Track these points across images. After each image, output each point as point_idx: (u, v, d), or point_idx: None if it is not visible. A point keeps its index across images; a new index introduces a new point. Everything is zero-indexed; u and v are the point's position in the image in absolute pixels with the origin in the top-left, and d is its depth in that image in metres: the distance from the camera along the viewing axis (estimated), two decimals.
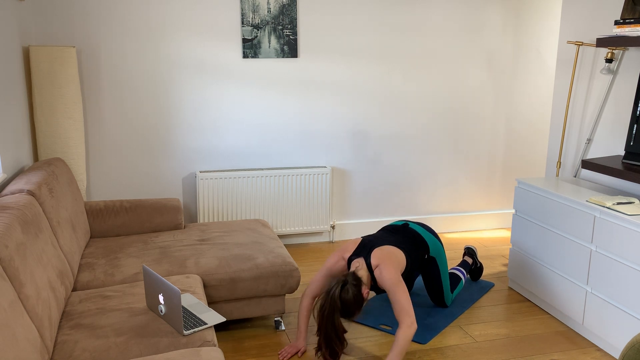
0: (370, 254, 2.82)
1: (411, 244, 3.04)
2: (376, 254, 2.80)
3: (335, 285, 2.62)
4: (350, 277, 2.66)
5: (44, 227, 2.47)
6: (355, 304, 2.62)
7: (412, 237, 3.09)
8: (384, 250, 2.83)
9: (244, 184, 4.17)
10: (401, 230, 3.13)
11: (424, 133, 4.61)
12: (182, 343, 2.19)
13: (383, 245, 2.88)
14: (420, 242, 3.10)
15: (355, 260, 2.83)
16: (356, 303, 2.62)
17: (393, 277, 2.71)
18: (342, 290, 2.60)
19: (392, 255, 2.82)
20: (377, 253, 2.81)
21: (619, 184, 3.31)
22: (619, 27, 2.98)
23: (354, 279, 2.66)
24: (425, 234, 3.16)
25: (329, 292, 2.61)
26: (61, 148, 3.51)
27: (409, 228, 3.15)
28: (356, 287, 2.63)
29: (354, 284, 2.63)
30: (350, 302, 2.60)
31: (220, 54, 4.07)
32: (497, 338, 3.08)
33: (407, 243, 3.02)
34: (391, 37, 4.37)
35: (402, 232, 3.11)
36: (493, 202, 4.92)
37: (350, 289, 2.61)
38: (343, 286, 2.61)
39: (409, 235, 3.09)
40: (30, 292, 2.02)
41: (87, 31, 3.82)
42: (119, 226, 3.40)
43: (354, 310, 2.64)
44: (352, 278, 2.66)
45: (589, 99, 3.53)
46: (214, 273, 2.90)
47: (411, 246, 3.03)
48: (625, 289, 2.74)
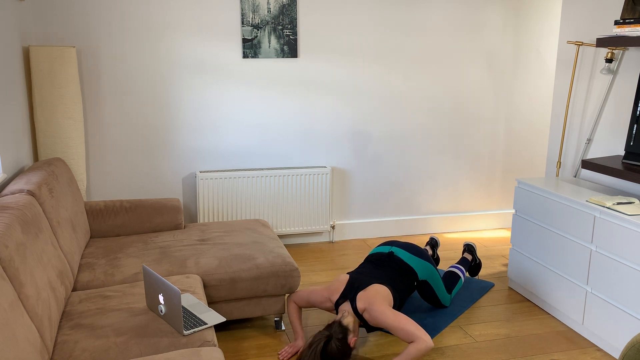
0: (356, 297, 2.78)
1: (398, 275, 3.00)
2: (361, 298, 2.76)
3: (318, 340, 2.55)
4: (336, 329, 2.60)
5: (44, 227, 2.47)
6: (342, 356, 2.57)
7: (398, 267, 3.05)
8: (369, 291, 2.78)
9: (244, 184, 4.17)
10: (387, 261, 3.08)
11: (424, 133, 4.61)
12: (182, 343, 2.19)
13: (368, 284, 2.83)
14: (407, 271, 3.06)
15: (342, 306, 2.80)
16: (342, 356, 2.57)
17: (385, 312, 2.66)
18: (327, 345, 2.53)
19: (377, 294, 2.77)
20: (362, 296, 2.77)
21: (619, 184, 3.31)
22: (619, 27, 2.98)
23: (340, 331, 2.60)
24: (412, 259, 3.10)
25: (310, 345, 2.55)
26: (61, 148, 3.51)
27: (395, 257, 3.10)
28: (341, 341, 2.56)
29: (339, 338, 2.57)
30: (335, 356, 2.54)
31: (220, 54, 4.07)
32: (497, 338, 3.08)
33: (394, 275, 2.98)
34: (391, 37, 4.37)
35: (388, 263, 3.06)
36: (493, 202, 4.92)
37: (335, 344, 2.54)
38: (327, 342, 2.54)
39: (394, 267, 3.04)
40: (30, 292, 2.02)
41: (87, 31, 3.82)
42: (119, 226, 3.40)
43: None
44: (338, 330, 2.59)
45: (589, 99, 3.53)
46: (214, 273, 2.90)
47: (398, 277, 2.99)
48: (625, 289, 2.74)
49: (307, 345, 2.57)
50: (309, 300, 2.93)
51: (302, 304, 2.95)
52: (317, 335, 2.58)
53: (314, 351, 2.52)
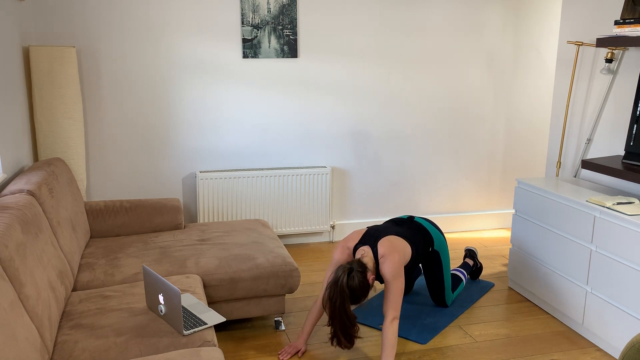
0: (377, 243, 2.83)
1: (417, 236, 3.06)
2: (384, 244, 2.81)
3: (341, 273, 2.61)
4: (356, 264, 2.66)
5: (44, 227, 2.47)
6: (362, 290, 2.63)
7: (418, 229, 3.12)
8: (392, 240, 2.84)
9: (244, 184, 4.17)
10: (407, 222, 3.16)
11: (424, 133, 4.61)
12: (182, 343, 2.19)
13: (390, 235, 2.89)
14: (426, 235, 3.13)
15: (361, 248, 2.85)
16: (362, 289, 2.63)
17: (396, 268, 2.72)
18: (349, 277, 2.60)
19: (399, 246, 2.83)
20: (384, 243, 2.82)
21: (619, 184, 3.31)
22: (619, 27, 2.97)
23: (359, 265, 2.66)
24: (431, 227, 3.20)
25: (336, 282, 2.60)
26: (61, 148, 3.51)
27: (415, 221, 3.18)
28: (362, 274, 2.63)
29: (359, 271, 2.64)
30: (357, 289, 2.61)
31: (220, 54, 4.07)
32: (497, 338, 3.08)
33: (413, 235, 3.04)
34: (391, 37, 4.37)
35: (408, 224, 3.14)
36: (493, 202, 4.92)
37: (357, 276, 2.61)
38: (349, 274, 2.61)
39: (414, 228, 3.12)
40: (30, 292, 2.02)
41: (87, 31, 3.82)
42: (119, 226, 3.40)
43: (360, 296, 2.64)
44: (358, 265, 2.66)
45: (589, 99, 3.53)
46: (214, 273, 2.90)
47: (416, 238, 3.05)
48: (625, 289, 2.74)
49: (331, 282, 2.62)
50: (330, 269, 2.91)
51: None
52: (339, 270, 2.63)
53: (340, 285, 2.58)
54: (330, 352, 2.91)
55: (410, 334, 3.08)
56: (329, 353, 2.90)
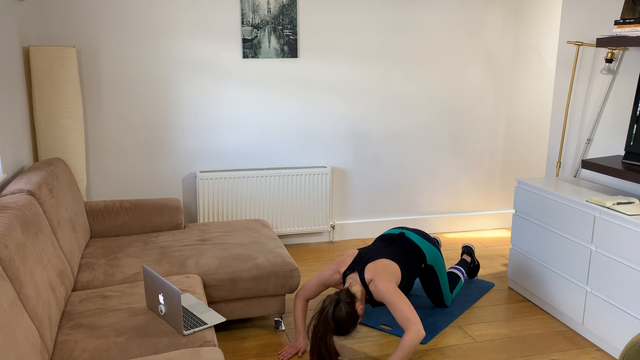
0: (364, 268, 2.80)
1: (407, 254, 3.02)
2: (370, 268, 2.78)
3: (328, 304, 2.59)
4: (344, 294, 2.63)
5: (44, 227, 2.47)
6: (349, 322, 2.59)
7: (408, 247, 3.07)
8: (378, 264, 2.81)
9: (244, 184, 4.17)
10: (397, 240, 3.10)
11: (424, 133, 4.61)
12: (182, 343, 2.19)
13: (377, 258, 2.85)
14: (417, 252, 3.08)
15: (350, 276, 2.81)
16: (350, 321, 2.59)
17: (389, 288, 2.68)
18: (336, 309, 2.57)
19: (386, 268, 2.79)
20: (370, 267, 2.78)
21: (619, 184, 3.31)
22: (619, 27, 2.98)
23: (348, 296, 2.63)
24: (422, 242, 3.13)
25: (322, 312, 2.58)
26: (61, 148, 3.51)
27: (405, 237, 3.12)
28: (349, 305, 2.60)
29: (347, 302, 2.60)
30: (344, 321, 2.58)
31: (220, 54, 4.07)
32: (497, 338, 3.08)
33: (403, 254, 3.01)
34: (391, 37, 4.37)
35: (398, 242, 3.09)
36: (493, 202, 4.92)
37: (344, 308, 2.58)
38: (336, 305, 2.58)
39: (404, 246, 3.07)
40: (30, 292, 2.02)
41: (87, 31, 3.82)
42: (119, 226, 3.40)
43: (348, 328, 2.61)
44: (346, 296, 2.63)
45: (589, 99, 3.53)
46: (214, 273, 2.90)
47: (407, 256, 3.01)
48: (625, 289, 2.74)
49: (317, 311, 2.60)
50: (317, 282, 2.91)
51: (310, 293, 2.93)
52: (326, 300, 2.61)
53: (325, 315, 2.56)
54: None
55: None
56: None
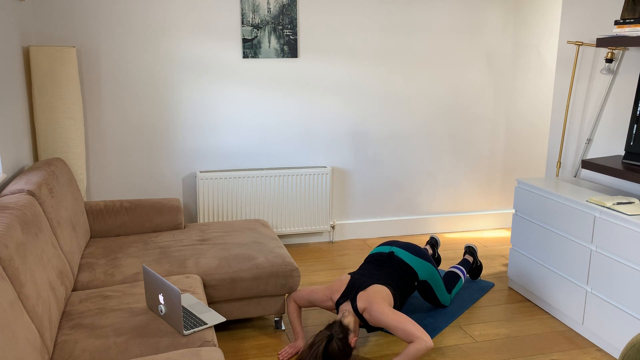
0: (356, 297, 2.78)
1: (398, 274, 3.01)
2: (362, 297, 2.76)
3: (319, 340, 2.55)
4: (337, 328, 2.61)
5: (44, 227, 2.47)
6: (343, 355, 2.57)
7: (399, 267, 3.06)
8: (369, 291, 2.79)
9: (244, 184, 4.17)
10: (387, 261, 3.08)
11: (424, 133, 4.61)
12: (182, 343, 2.19)
13: (368, 285, 2.84)
14: (407, 271, 3.07)
15: (342, 306, 2.80)
16: (343, 355, 2.57)
17: (384, 311, 2.67)
18: (328, 345, 2.54)
19: (377, 294, 2.77)
20: (362, 295, 2.77)
21: (619, 184, 3.31)
22: (619, 27, 2.98)
23: (341, 330, 2.60)
24: (412, 259, 3.11)
25: (312, 346, 2.55)
26: (61, 148, 3.51)
27: (395, 257, 3.10)
28: (342, 340, 2.57)
29: (340, 338, 2.57)
30: (337, 356, 2.55)
31: (220, 54, 4.07)
32: (497, 338, 3.08)
33: (394, 274, 3.00)
34: (391, 37, 4.37)
35: (388, 263, 3.07)
36: (493, 202, 4.92)
37: (336, 344, 2.55)
38: (328, 342, 2.55)
39: (395, 267, 3.05)
40: (30, 292, 2.02)
41: (87, 31, 3.82)
42: (119, 226, 3.40)
43: None
44: (339, 330, 2.60)
45: (589, 99, 3.53)
46: (214, 273, 2.90)
47: (398, 276, 3.00)
48: (625, 289, 2.74)
49: (307, 346, 2.57)
50: (309, 299, 2.92)
51: (302, 303, 2.95)
52: (318, 336, 2.58)
53: (315, 351, 2.53)
54: None
55: None
56: None
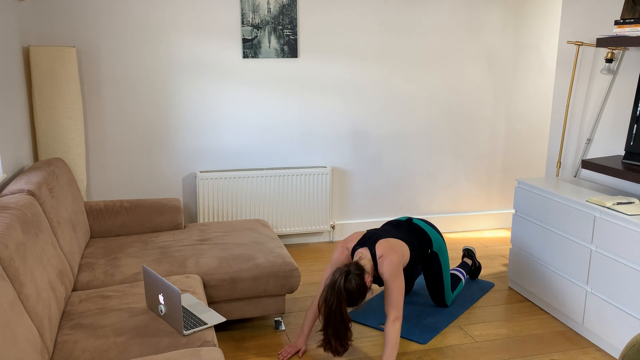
0: (375, 244, 2.83)
1: (415, 238, 3.07)
2: (382, 245, 2.81)
3: (339, 276, 2.60)
4: (353, 266, 2.65)
5: (44, 227, 2.47)
6: (359, 293, 2.62)
7: (416, 231, 3.13)
8: (390, 242, 2.85)
9: (244, 184, 4.17)
10: (405, 224, 3.17)
11: (424, 133, 4.61)
12: (182, 343, 2.19)
13: (388, 237, 2.89)
14: (424, 237, 3.14)
15: (359, 250, 2.85)
16: (359, 292, 2.62)
17: (394, 268, 2.73)
18: (346, 280, 2.59)
19: (397, 247, 2.83)
20: (382, 244, 2.82)
21: (619, 184, 3.31)
22: (619, 27, 2.98)
23: (357, 268, 2.65)
24: (429, 229, 3.20)
25: (333, 285, 2.59)
26: (61, 148, 3.51)
27: (413, 223, 3.19)
28: (359, 277, 2.62)
29: (357, 274, 2.62)
30: (354, 292, 2.60)
31: (220, 54, 4.07)
32: (497, 338, 3.08)
33: (412, 237, 3.05)
34: (391, 37, 4.37)
35: (406, 226, 3.15)
36: (493, 202, 4.92)
37: (354, 279, 2.60)
38: (347, 276, 2.60)
39: (413, 230, 3.13)
40: (30, 292, 2.02)
41: (87, 31, 3.82)
42: (119, 226, 3.40)
43: (357, 299, 2.63)
44: (355, 267, 2.65)
45: (589, 99, 3.53)
46: (214, 273, 2.90)
47: (415, 240, 3.06)
48: (625, 289, 2.74)
49: (328, 285, 2.61)
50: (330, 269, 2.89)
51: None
52: (336, 273, 2.62)
53: (337, 287, 2.57)
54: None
55: (410, 334, 3.08)
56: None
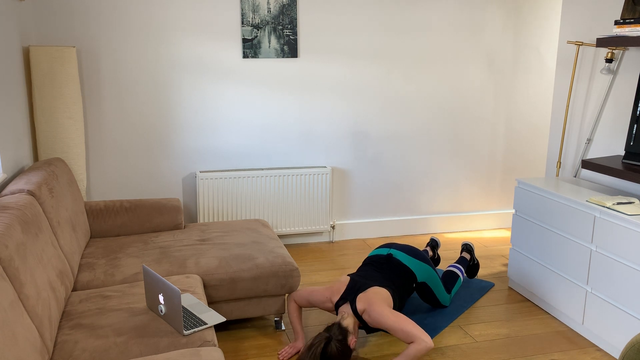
0: (355, 299, 2.78)
1: (397, 277, 3.02)
2: (361, 299, 2.76)
3: (318, 342, 2.55)
4: (336, 330, 2.60)
5: (44, 227, 2.47)
6: (341, 358, 2.57)
7: (397, 269, 3.06)
8: (368, 293, 2.79)
9: (244, 184, 4.17)
10: (385, 263, 3.09)
11: (424, 133, 4.61)
12: (182, 343, 2.19)
13: (368, 287, 2.84)
14: (406, 272, 3.08)
15: (341, 308, 2.80)
16: (342, 357, 2.57)
17: (384, 313, 2.67)
18: (326, 346, 2.53)
19: (376, 295, 2.77)
20: (361, 297, 2.77)
21: (619, 184, 3.31)
22: (619, 27, 2.98)
23: (340, 332, 2.59)
24: (411, 261, 3.12)
25: (310, 348, 2.54)
26: (61, 148, 3.51)
27: (393, 259, 3.11)
28: (341, 342, 2.56)
29: (339, 339, 2.56)
30: (335, 357, 2.54)
31: (220, 54, 4.07)
32: (497, 338, 3.08)
33: (393, 276, 3.01)
34: (391, 37, 4.37)
35: (387, 265, 3.08)
36: (493, 202, 4.92)
37: (335, 345, 2.54)
38: (327, 344, 2.54)
39: (393, 269, 3.06)
40: (30, 292, 2.03)
41: (87, 31, 3.82)
42: (119, 226, 3.40)
43: None
44: (338, 332, 2.59)
45: (589, 99, 3.53)
46: (214, 273, 2.90)
47: (397, 278, 3.01)
48: (625, 289, 2.74)
49: (306, 348, 2.57)
50: (309, 299, 2.92)
51: (302, 303, 2.95)
52: (317, 337, 2.58)
53: (313, 353, 2.52)
54: None
55: None
56: None
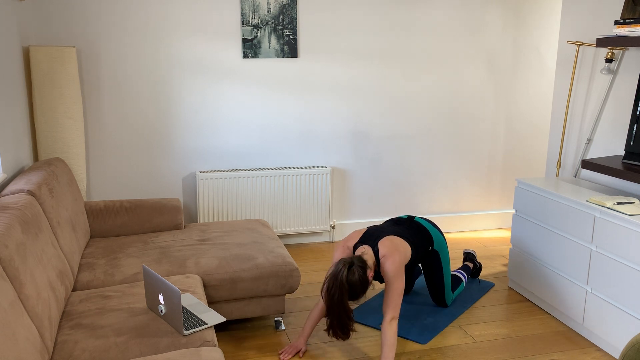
0: (378, 242, 2.83)
1: (416, 236, 3.07)
2: (384, 244, 2.81)
3: (342, 267, 2.60)
4: (357, 259, 2.66)
5: (44, 227, 2.47)
6: (361, 286, 2.62)
7: (417, 229, 3.13)
8: (393, 240, 2.85)
9: (244, 184, 4.17)
10: (406, 222, 3.17)
11: (424, 133, 4.61)
12: (182, 343, 2.19)
13: (390, 235, 2.89)
14: (425, 235, 3.14)
15: (361, 247, 2.85)
16: (361, 285, 2.62)
17: (397, 269, 2.73)
18: (349, 272, 2.59)
19: (399, 246, 2.84)
20: (385, 243, 2.82)
21: (619, 184, 3.31)
22: (619, 27, 2.98)
23: (360, 261, 2.66)
24: (430, 227, 3.21)
25: (336, 275, 2.59)
26: (61, 148, 3.51)
27: (414, 221, 3.19)
28: (362, 269, 2.63)
29: (360, 266, 2.63)
30: (356, 284, 2.60)
31: (220, 54, 4.07)
32: (497, 338, 3.08)
33: (413, 234, 3.05)
34: (391, 37, 4.37)
35: (408, 224, 3.15)
36: (493, 202, 4.92)
37: (357, 271, 2.60)
38: (350, 268, 2.60)
39: (414, 227, 3.12)
40: (30, 292, 2.03)
41: (87, 31, 3.82)
42: (119, 226, 3.40)
43: (358, 293, 2.63)
44: (358, 260, 2.65)
45: (589, 99, 3.53)
46: (214, 273, 2.90)
47: (416, 238, 3.06)
48: (625, 289, 2.74)
49: (331, 275, 2.61)
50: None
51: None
52: (339, 264, 2.62)
53: (340, 278, 2.57)
54: (330, 352, 2.91)
55: (410, 334, 3.08)
56: (329, 353, 2.90)
